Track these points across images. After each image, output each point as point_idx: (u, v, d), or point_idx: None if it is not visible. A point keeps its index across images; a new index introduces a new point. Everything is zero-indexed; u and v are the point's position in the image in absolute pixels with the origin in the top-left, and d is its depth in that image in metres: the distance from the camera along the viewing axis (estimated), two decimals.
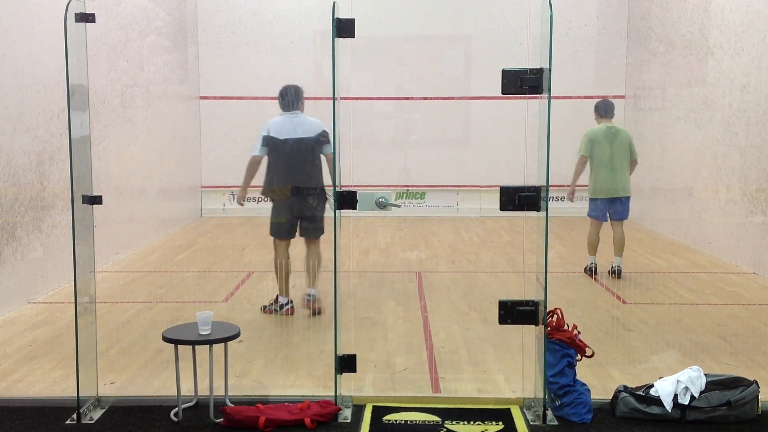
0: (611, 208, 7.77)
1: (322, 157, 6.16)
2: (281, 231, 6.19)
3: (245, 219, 11.74)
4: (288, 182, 6.08)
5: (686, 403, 3.99)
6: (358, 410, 4.14)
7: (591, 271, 7.73)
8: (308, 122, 6.17)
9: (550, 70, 3.85)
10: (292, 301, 6.18)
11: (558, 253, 8.88)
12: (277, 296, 6.19)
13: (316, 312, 6.12)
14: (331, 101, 3.99)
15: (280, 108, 6.26)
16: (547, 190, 3.94)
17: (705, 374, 4.12)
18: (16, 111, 6.48)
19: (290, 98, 6.22)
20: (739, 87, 8.32)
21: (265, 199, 6.32)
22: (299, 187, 6.08)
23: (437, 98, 12.33)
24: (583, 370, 4.34)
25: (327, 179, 6.05)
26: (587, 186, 8.04)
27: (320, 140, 6.12)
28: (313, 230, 6.20)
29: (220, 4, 12.24)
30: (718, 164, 8.83)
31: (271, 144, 6.06)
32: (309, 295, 6.17)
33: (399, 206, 12.17)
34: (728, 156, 8.57)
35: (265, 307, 6.23)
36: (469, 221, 11.76)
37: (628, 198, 7.77)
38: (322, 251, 6.25)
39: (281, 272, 6.15)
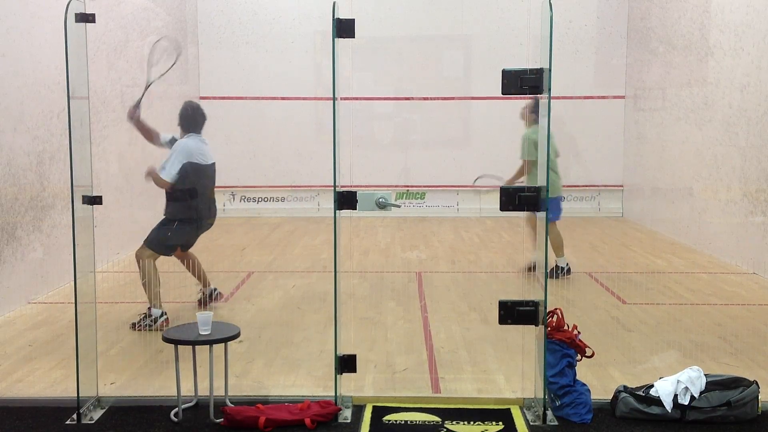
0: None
1: None
2: (173, 247, 6.02)
3: (245, 219, 11.75)
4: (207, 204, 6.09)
5: (686, 403, 3.99)
6: (358, 410, 4.14)
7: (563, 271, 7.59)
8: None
9: (550, 70, 3.85)
10: (165, 313, 5.80)
11: None
12: (149, 309, 5.77)
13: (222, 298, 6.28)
14: (331, 101, 3.99)
15: (187, 129, 5.98)
16: (547, 190, 3.94)
17: (705, 374, 4.12)
18: (16, 111, 6.48)
19: (202, 119, 6.05)
20: (739, 87, 8.32)
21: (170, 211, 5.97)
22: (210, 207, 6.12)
23: (437, 98, 12.33)
24: (583, 370, 4.34)
25: None
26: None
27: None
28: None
29: (220, 4, 12.24)
30: (718, 164, 8.83)
31: (194, 170, 5.80)
32: (214, 290, 6.31)
33: (399, 206, 12.16)
34: (728, 156, 8.57)
35: (135, 324, 5.73)
36: (469, 221, 11.76)
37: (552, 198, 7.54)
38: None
39: (154, 284, 5.77)
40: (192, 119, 6.00)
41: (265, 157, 12.34)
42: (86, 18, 4.04)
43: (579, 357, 4.15)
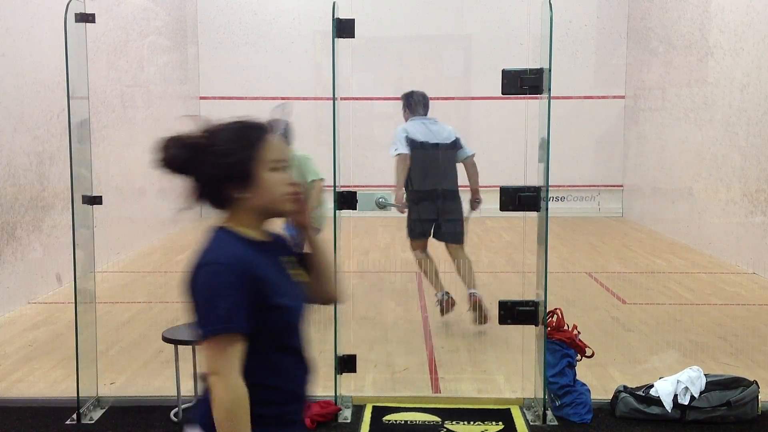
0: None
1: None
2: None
3: None
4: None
5: (686, 403, 3.99)
6: (358, 410, 4.14)
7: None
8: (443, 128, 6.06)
9: (550, 70, 3.85)
10: (447, 293, 5.84)
11: (558, 253, 8.87)
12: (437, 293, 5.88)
13: (482, 313, 5.61)
14: (331, 101, 3.99)
15: (412, 113, 6.09)
16: (547, 190, 3.94)
17: (705, 374, 4.12)
18: (16, 111, 6.47)
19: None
20: (739, 87, 8.32)
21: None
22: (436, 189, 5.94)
23: (437, 98, 12.29)
24: (583, 370, 4.34)
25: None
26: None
27: (456, 146, 6.03)
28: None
29: (220, 4, 12.25)
30: (718, 164, 8.82)
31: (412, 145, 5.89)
32: (472, 294, 5.80)
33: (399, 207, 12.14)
34: (728, 156, 8.57)
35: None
36: (469, 221, 11.74)
37: None
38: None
39: (429, 270, 5.94)
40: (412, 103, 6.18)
41: None
42: (86, 18, 4.04)
43: (579, 357, 4.15)
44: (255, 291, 1.77)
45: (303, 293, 1.98)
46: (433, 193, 5.91)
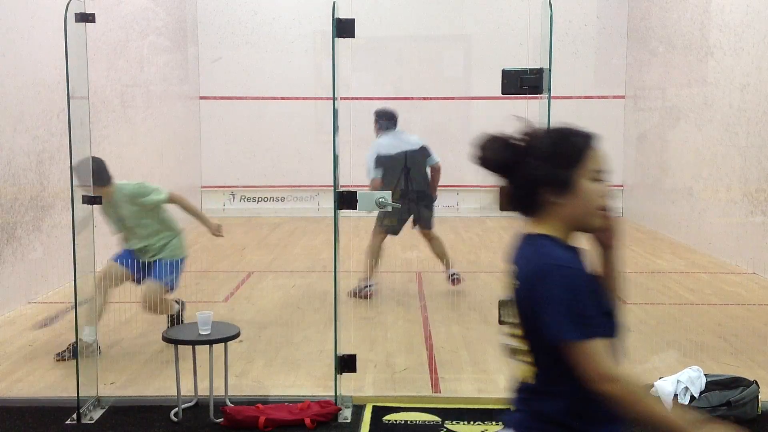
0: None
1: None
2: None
3: (245, 219, 11.75)
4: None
5: (686, 403, 3.99)
6: (358, 410, 4.14)
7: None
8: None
9: (550, 70, 3.85)
10: (374, 285, 6.81)
11: None
12: (366, 278, 6.76)
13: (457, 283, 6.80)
14: (331, 101, 3.99)
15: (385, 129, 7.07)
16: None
17: (705, 374, 4.12)
18: (16, 111, 6.48)
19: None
20: (739, 87, 8.32)
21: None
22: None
23: (437, 98, 12.33)
24: None
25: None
26: None
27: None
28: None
29: (220, 4, 12.24)
30: (718, 164, 8.83)
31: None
32: (453, 274, 6.88)
33: (399, 206, 12.15)
34: (728, 156, 8.57)
35: (353, 291, 6.71)
36: (469, 221, 11.75)
37: None
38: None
39: (375, 259, 6.87)
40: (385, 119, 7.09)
41: (265, 157, 12.34)
42: (86, 18, 4.04)
43: None
44: (596, 297, 1.77)
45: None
46: (408, 192, 6.88)
